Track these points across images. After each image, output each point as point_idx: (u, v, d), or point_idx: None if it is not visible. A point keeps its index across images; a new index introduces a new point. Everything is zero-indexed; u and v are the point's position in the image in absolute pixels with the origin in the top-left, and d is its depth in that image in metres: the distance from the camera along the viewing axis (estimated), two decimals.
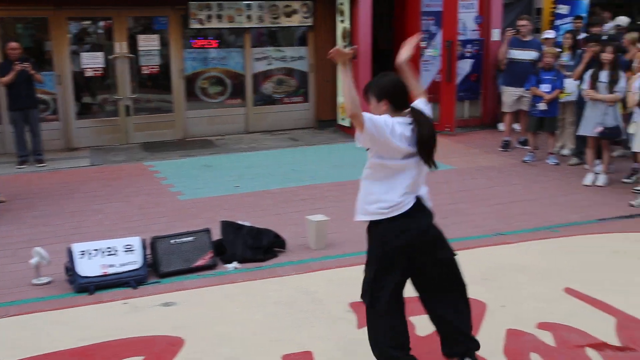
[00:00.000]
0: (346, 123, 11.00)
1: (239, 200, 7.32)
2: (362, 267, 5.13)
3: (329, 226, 5.81)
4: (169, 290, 4.91)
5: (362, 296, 3.55)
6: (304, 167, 8.90)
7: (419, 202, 3.45)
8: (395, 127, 3.23)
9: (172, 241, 5.34)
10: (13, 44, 8.91)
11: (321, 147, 10.14)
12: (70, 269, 5.01)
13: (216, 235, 5.62)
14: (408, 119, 3.28)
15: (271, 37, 11.65)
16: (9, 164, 8.98)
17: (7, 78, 8.75)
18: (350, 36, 10.50)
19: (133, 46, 10.54)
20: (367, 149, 3.33)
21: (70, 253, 5.05)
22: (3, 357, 3.91)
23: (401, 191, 3.35)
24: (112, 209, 7.12)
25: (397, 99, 3.30)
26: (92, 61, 10.38)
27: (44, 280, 5.05)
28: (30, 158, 9.14)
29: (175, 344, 4.05)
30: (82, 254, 5.05)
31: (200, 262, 5.31)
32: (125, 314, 4.52)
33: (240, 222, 5.75)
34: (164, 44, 10.74)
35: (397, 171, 3.34)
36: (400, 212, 3.36)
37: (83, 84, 10.51)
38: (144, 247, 5.24)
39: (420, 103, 3.49)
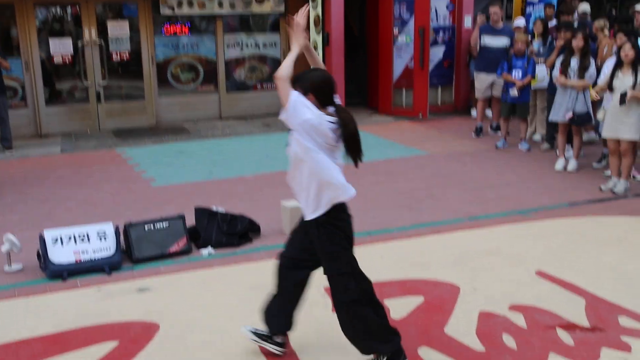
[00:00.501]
0: None
1: (213, 186, 7.28)
2: None
3: None
4: (144, 276, 4.88)
5: (342, 300, 3.44)
6: (277, 153, 8.86)
7: None
8: (323, 122, 3.23)
9: (145, 227, 5.30)
10: None
11: None
12: (42, 256, 4.94)
13: (190, 221, 5.59)
14: (333, 119, 3.27)
15: (243, 24, 11.56)
16: None
17: None
18: (323, 23, 10.47)
19: (103, 33, 10.38)
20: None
21: (42, 240, 4.98)
22: None
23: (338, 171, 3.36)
24: (84, 195, 7.04)
25: (323, 95, 3.30)
26: (61, 48, 10.22)
27: (16, 267, 4.98)
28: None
29: (150, 328, 4.03)
30: (55, 241, 4.98)
31: (174, 248, 5.28)
32: (100, 300, 4.48)
33: (214, 208, 5.72)
34: (135, 30, 10.60)
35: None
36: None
37: (52, 70, 10.33)
38: (117, 234, 5.19)
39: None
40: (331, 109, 3.32)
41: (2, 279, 4.86)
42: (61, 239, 5.02)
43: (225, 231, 5.47)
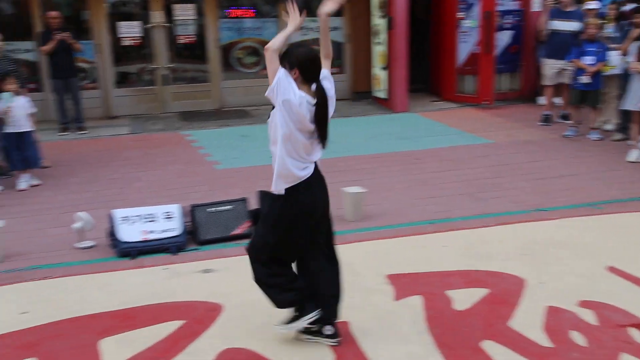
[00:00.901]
0: (382, 95, 10.91)
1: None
2: (399, 239, 5.20)
3: (365, 198, 5.80)
4: (208, 258, 4.98)
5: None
6: (339, 138, 8.85)
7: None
8: (303, 102, 3.30)
9: (210, 209, 5.40)
10: (53, 13, 9.00)
11: (357, 119, 10.09)
12: (112, 234, 5.10)
13: (253, 204, 5.65)
14: (313, 100, 3.35)
15: (306, 7, 11.52)
16: (52, 131, 9.13)
17: (47, 47, 8.86)
18: (387, 6, 10.34)
19: (169, 16, 10.57)
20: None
21: (111, 218, 5.14)
22: (49, 316, 4.02)
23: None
24: (151, 176, 7.21)
25: (307, 72, 3.36)
26: (130, 30, 10.45)
27: (88, 244, 5.16)
28: (72, 125, 9.29)
29: (214, 309, 4.11)
30: (123, 220, 5.14)
31: (238, 231, 5.36)
32: (166, 279, 4.60)
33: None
34: (200, 13, 10.74)
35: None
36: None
37: (121, 53, 10.59)
38: (183, 215, 5.31)
39: (326, 76, 3.49)
40: (314, 87, 3.39)
41: (75, 255, 5.04)
42: (130, 218, 5.17)
43: None
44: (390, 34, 10.38)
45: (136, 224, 5.15)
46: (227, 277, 4.63)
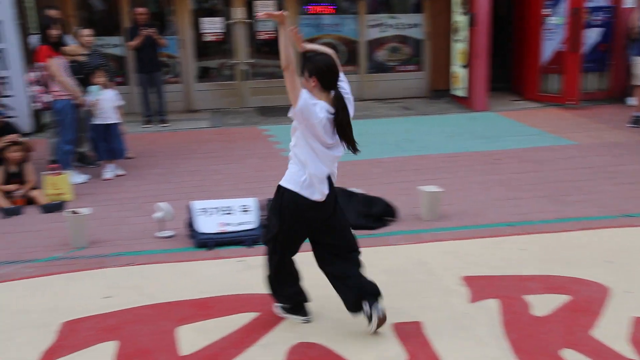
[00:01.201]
0: (461, 93, 10.71)
1: (350, 167, 7.31)
2: (475, 241, 5.09)
3: (442, 198, 5.71)
4: None
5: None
6: (416, 136, 8.77)
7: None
8: (324, 118, 3.40)
9: None
10: (140, 9, 9.31)
11: (435, 117, 9.95)
12: (190, 225, 5.24)
13: None
14: (332, 109, 3.43)
15: (386, 4, 11.47)
16: (135, 123, 9.47)
17: (134, 42, 9.18)
18: (469, 2, 10.13)
19: (250, 12, 10.73)
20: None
21: (190, 210, 5.27)
22: (130, 302, 4.17)
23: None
24: (230, 169, 7.36)
25: (325, 80, 3.46)
26: (212, 26, 10.69)
27: (167, 233, 5.32)
28: (155, 118, 9.60)
29: None
30: (201, 212, 5.26)
31: None
32: (241, 271, 4.68)
33: (351, 189, 5.76)
34: (280, 9, 10.82)
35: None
36: None
37: (203, 48, 10.85)
38: (259, 208, 5.38)
39: (342, 79, 3.57)
40: (332, 94, 3.48)
41: (155, 244, 5.20)
42: (208, 210, 5.29)
43: (362, 213, 5.49)
44: (471, 31, 10.17)
45: (213, 216, 5.26)
46: (301, 271, 4.65)
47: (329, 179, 3.60)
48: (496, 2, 10.55)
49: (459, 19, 10.47)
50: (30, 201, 6.24)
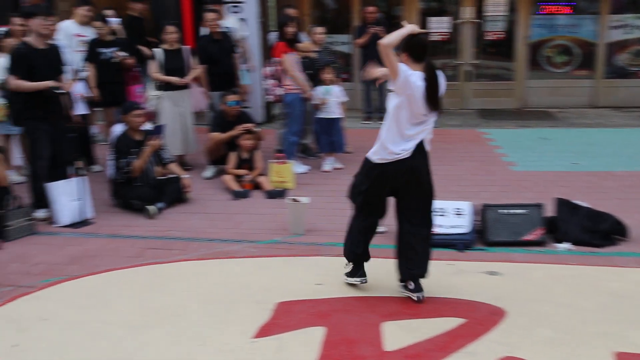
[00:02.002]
0: None
1: (576, 178, 6.84)
2: None
3: None
4: (495, 260, 4.85)
5: None
6: None
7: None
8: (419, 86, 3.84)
9: (502, 211, 5.24)
10: (370, 8, 9.54)
11: None
12: None
13: (549, 211, 5.34)
14: (424, 75, 3.85)
15: (633, 4, 10.48)
16: (356, 119, 9.77)
17: (361, 40, 9.46)
18: None
19: (480, 11, 10.49)
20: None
21: None
22: (340, 291, 4.32)
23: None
24: (444, 171, 7.25)
25: (414, 52, 3.90)
26: (439, 26, 10.63)
27: (380, 229, 5.38)
28: (375, 115, 9.81)
29: (497, 313, 3.99)
30: None
31: (529, 237, 5.11)
32: (450, 274, 4.60)
33: (576, 202, 5.37)
34: (512, 9, 10.45)
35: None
36: None
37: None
38: (474, 213, 5.24)
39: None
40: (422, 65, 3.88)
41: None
42: None
43: (587, 228, 5.09)
44: None
45: None
46: (513, 282, 4.46)
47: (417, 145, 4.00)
48: None
49: None
50: (256, 186, 6.74)
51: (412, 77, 3.82)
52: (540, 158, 7.66)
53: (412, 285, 4.16)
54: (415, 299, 4.13)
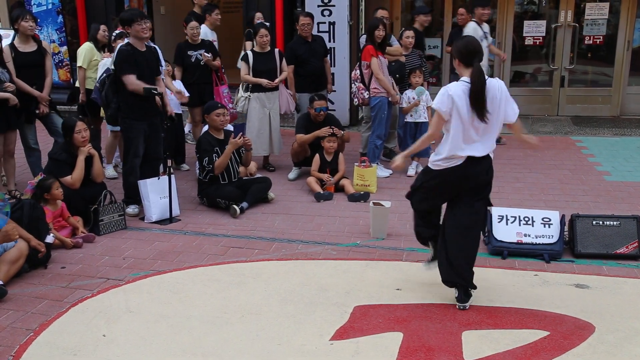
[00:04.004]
0: None
1: None
2: None
3: None
4: (584, 272, 4.65)
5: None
6: None
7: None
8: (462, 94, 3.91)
9: (593, 222, 5.01)
10: (461, 10, 9.35)
11: None
12: (487, 231, 5.13)
13: None
14: (468, 79, 3.88)
15: None
16: None
17: (450, 48, 9.29)
18: None
19: (579, 15, 10.08)
20: None
21: (489, 215, 5.16)
22: (419, 297, 4.26)
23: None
24: (532, 178, 7.04)
25: (464, 58, 3.95)
26: (534, 29, 10.29)
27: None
28: None
29: (584, 328, 3.82)
30: (500, 219, 5.12)
31: (622, 250, 4.87)
32: (535, 285, 4.44)
33: None
34: (613, 12, 9.97)
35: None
36: None
37: (520, 52, 10.53)
38: (563, 223, 5.04)
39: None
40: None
41: None
42: (507, 217, 5.12)
43: None
44: None
45: (512, 225, 5.08)
46: (603, 297, 4.25)
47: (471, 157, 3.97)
48: None
49: None
50: (339, 189, 6.76)
51: (452, 91, 3.90)
52: (637, 168, 7.27)
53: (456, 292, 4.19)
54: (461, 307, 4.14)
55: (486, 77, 3.91)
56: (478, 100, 3.84)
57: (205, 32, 8.25)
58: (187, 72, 7.67)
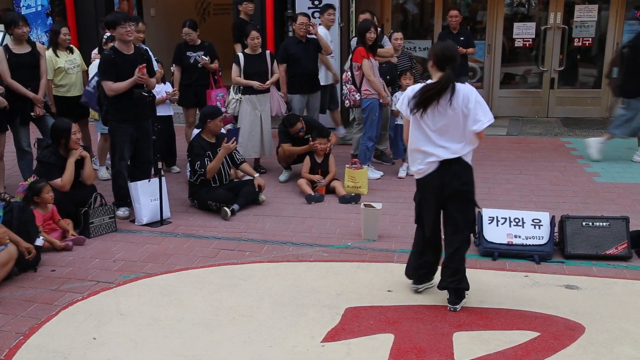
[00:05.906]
0: None
1: None
2: None
3: None
4: (573, 273, 4.67)
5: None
6: None
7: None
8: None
9: (583, 223, 5.04)
10: (453, 12, 9.37)
11: None
12: (478, 233, 5.14)
13: (634, 226, 5.10)
14: (430, 82, 3.99)
15: None
16: None
17: None
18: None
19: (567, 17, 10.13)
20: None
21: (479, 217, 5.18)
22: (409, 299, 4.27)
23: None
24: (522, 180, 7.08)
25: (439, 62, 4.01)
26: (523, 31, 10.34)
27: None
28: None
29: (574, 329, 3.84)
30: (491, 220, 5.14)
31: (611, 251, 4.90)
32: (525, 286, 4.46)
33: None
34: (602, 14, 10.03)
35: None
36: None
37: (510, 53, 10.58)
38: (553, 224, 5.07)
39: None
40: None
41: None
42: (497, 219, 5.14)
43: None
44: None
45: (503, 226, 5.10)
46: (592, 297, 4.28)
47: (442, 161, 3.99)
48: None
49: None
50: (330, 191, 6.77)
51: (410, 92, 4.03)
52: (626, 169, 7.32)
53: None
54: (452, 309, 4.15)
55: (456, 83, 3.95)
56: (424, 95, 3.92)
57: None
58: (185, 73, 7.66)
